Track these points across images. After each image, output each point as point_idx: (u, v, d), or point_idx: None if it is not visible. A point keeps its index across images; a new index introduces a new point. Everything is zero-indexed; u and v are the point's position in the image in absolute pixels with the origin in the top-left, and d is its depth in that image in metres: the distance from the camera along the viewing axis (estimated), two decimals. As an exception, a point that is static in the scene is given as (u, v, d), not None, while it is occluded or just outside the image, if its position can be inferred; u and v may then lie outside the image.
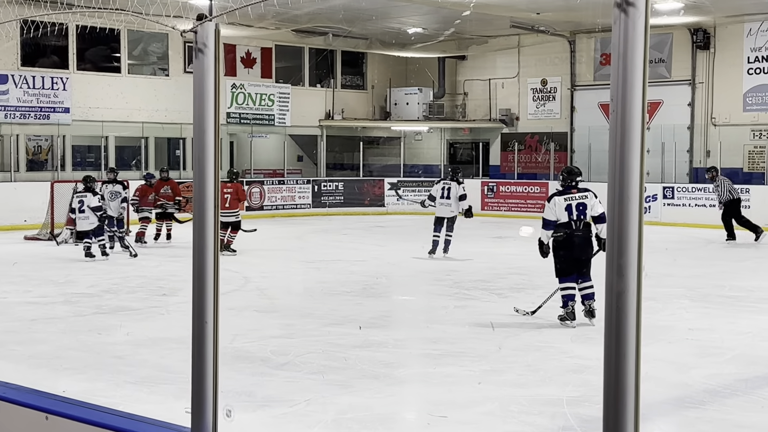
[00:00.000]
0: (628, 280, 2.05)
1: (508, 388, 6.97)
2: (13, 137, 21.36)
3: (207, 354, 3.03)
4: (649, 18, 2.03)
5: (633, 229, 2.06)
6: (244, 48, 25.32)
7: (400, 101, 27.97)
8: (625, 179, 2.05)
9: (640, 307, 2.06)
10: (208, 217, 3.03)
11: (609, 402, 2.08)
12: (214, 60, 2.97)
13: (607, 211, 2.07)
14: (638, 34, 2.03)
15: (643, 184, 2.05)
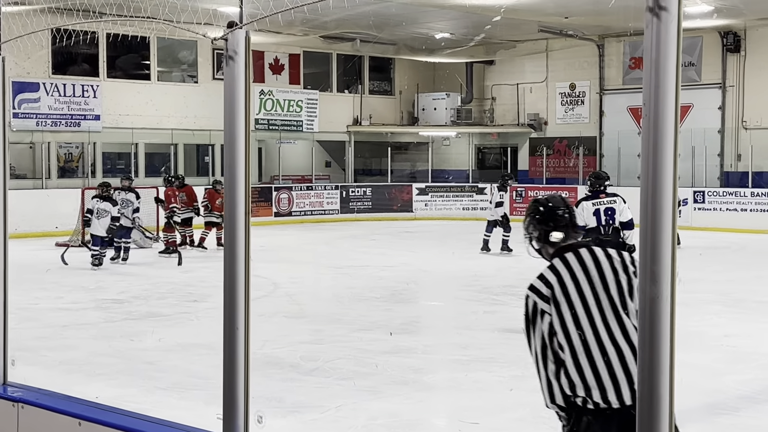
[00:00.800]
0: (662, 286, 2.03)
1: (539, 394, 6.91)
2: (45, 145, 21.56)
3: (238, 360, 3.04)
4: (681, 22, 2.02)
5: (666, 234, 2.04)
6: (272, 54, 25.42)
7: (427, 106, 27.96)
8: (658, 184, 2.03)
9: (674, 314, 2.05)
10: (239, 223, 3.04)
11: (643, 408, 2.06)
12: (244, 67, 2.98)
13: (640, 216, 2.06)
14: (671, 38, 2.02)
15: (676, 189, 2.04)
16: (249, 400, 3.04)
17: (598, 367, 3.33)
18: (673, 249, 2.03)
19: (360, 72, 27.94)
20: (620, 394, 3.31)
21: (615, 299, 3.38)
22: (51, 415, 3.71)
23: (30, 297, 11.28)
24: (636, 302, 3.31)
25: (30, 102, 20.90)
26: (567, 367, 3.40)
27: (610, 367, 3.32)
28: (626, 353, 3.32)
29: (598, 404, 3.34)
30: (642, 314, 2.07)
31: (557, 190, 24.76)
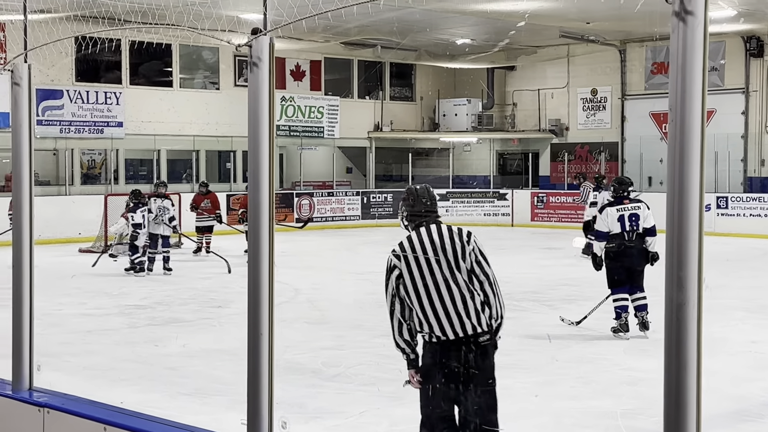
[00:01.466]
0: (689, 293, 2.02)
1: (561, 400, 6.91)
2: (68, 151, 21.72)
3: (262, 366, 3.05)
4: (708, 26, 2.01)
5: (693, 240, 2.03)
6: (293, 61, 25.49)
7: (448, 112, 27.94)
8: (685, 190, 2.02)
9: (700, 320, 2.04)
10: (263, 229, 3.04)
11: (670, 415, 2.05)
12: (268, 73, 2.99)
13: (667, 222, 2.04)
14: (697, 42, 2.01)
15: (703, 194, 2.02)
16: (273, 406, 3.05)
17: (436, 309, 4.46)
18: (700, 254, 2.02)
19: (381, 78, 27.96)
20: (454, 328, 4.46)
21: (450, 260, 4.51)
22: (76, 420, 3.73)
23: (54, 303, 11.34)
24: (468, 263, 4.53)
25: (54, 109, 21.07)
26: (414, 310, 4.52)
27: (446, 308, 4.45)
28: (457, 298, 4.46)
29: (439, 337, 4.48)
30: (669, 321, 2.06)
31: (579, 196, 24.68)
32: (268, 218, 3.06)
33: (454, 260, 4.55)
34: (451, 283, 4.50)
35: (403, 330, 4.59)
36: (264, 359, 3.05)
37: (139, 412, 3.97)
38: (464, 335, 4.52)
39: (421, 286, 4.51)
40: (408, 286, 4.53)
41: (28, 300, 4.35)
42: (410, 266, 4.56)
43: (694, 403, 2.03)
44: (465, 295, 4.49)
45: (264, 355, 3.05)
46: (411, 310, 4.53)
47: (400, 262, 4.60)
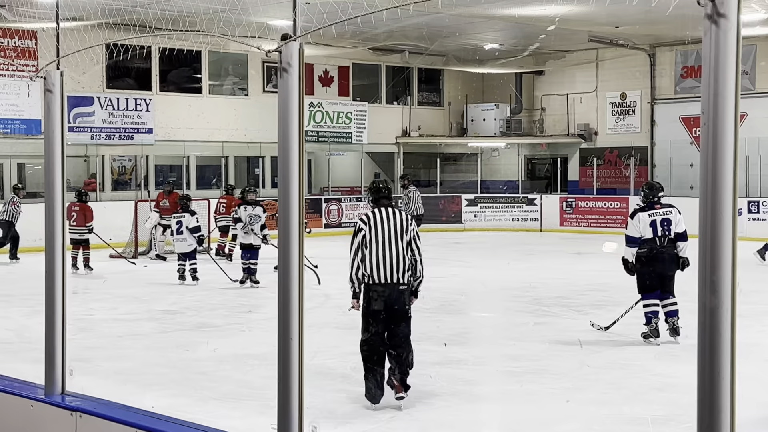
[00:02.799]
0: (722, 297, 2.00)
1: (591, 406, 6.87)
2: (99, 158, 21.90)
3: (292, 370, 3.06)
4: (740, 29, 1.99)
5: (726, 244, 2.01)
6: (321, 67, 25.56)
7: (476, 117, 27.89)
8: (718, 194, 2.00)
9: (734, 325, 2.02)
10: (293, 234, 3.05)
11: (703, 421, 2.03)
12: (298, 79, 3.00)
13: (699, 226, 2.03)
14: (730, 46, 1.99)
15: (736, 198, 2.01)
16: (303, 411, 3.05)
17: (380, 262, 6.74)
18: (733, 259, 2.00)
19: (409, 83, 27.97)
20: (390, 276, 6.76)
21: (397, 231, 6.82)
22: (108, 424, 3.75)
23: (85, 308, 11.44)
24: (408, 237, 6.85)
25: (85, 116, 21.26)
26: (366, 261, 6.76)
27: (386, 262, 6.74)
28: (395, 258, 6.77)
29: (378, 281, 6.75)
30: (702, 325, 2.04)
31: (610, 200, 24.53)
32: (298, 224, 3.07)
33: (400, 233, 6.85)
34: (394, 248, 6.79)
35: (358, 272, 6.80)
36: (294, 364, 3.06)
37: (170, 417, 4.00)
38: (392, 282, 6.79)
39: (374, 245, 6.77)
40: (368, 243, 6.78)
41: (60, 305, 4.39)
42: (371, 231, 6.80)
43: (728, 409, 2.02)
44: (401, 257, 6.80)
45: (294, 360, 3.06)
46: (364, 260, 6.76)
47: (366, 227, 6.83)
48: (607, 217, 24.32)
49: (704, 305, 2.03)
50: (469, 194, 26.20)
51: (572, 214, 25.12)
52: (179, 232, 14.14)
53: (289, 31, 3.13)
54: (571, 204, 25.20)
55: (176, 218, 14.31)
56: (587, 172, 26.60)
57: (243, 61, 24.26)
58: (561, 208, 25.30)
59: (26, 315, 11.10)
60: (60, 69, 4.41)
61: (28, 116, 20.44)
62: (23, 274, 14.35)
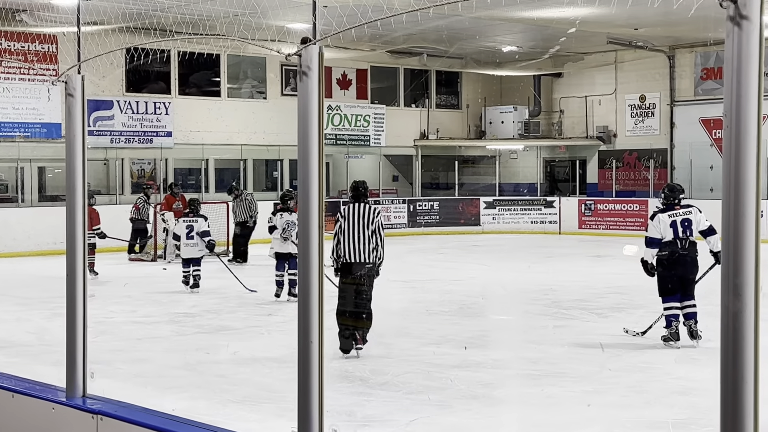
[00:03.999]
0: (745, 300, 1.99)
1: (611, 409, 6.84)
2: (118, 161, 22.02)
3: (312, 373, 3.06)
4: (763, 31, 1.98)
5: (749, 247, 2.00)
6: (340, 70, 25.60)
7: (495, 120, 27.86)
8: (741, 196, 1.99)
9: (758, 329, 2.00)
10: (313, 237, 3.06)
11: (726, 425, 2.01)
12: (318, 82, 3.01)
13: (722, 229, 2.02)
14: (753, 48, 1.98)
15: (759, 201, 1.99)
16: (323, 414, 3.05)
17: (350, 245, 8.74)
18: (756, 262, 1.99)
19: (427, 86, 27.97)
20: (357, 256, 8.73)
21: (364, 222, 8.77)
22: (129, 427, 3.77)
23: (105, 311, 11.49)
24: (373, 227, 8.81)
25: (104, 119, 21.38)
26: (341, 244, 8.77)
27: (353, 245, 8.71)
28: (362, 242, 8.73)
29: (347, 260, 8.75)
30: (725, 329, 2.03)
31: (629, 203, 24.44)
32: (318, 226, 3.07)
33: (366, 223, 8.82)
34: (362, 234, 8.79)
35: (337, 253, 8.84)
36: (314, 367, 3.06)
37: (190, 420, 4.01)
38: (359, 261, 8.80)
39: (347, 232, 8.80)
40: (342, 230, 8.81)
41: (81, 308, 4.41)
42: (346, 221, 8.84)
43: (751, 414, 2.00)
44: (366, 242, 8.79)
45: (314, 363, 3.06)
46: (339, 244, 8.81)
47: (342, 218, 8.85)
48: (627, 219, 24.23)
49: (727, 308, 2.02)
50: (488, 197, 26.16)
51: (591, 217, 25.03)
52: (189, 237, 13.79)
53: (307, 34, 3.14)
54: (590, 206, 25.12)
55: (187, 222, 13.96)
56: (606, 175, 26.51)
57: (261, 65, 24.33)
58: (580, 210, 25.22)
59: (47, 318, 11.17)
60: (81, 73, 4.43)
61: (48, 120, 20.57)
62: (43, 276, 14.43)
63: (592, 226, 24.84)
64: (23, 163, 20.74)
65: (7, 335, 10.22)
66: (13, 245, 19.09)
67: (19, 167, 20.70)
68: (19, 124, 20.32)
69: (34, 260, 18.08)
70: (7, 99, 20.09)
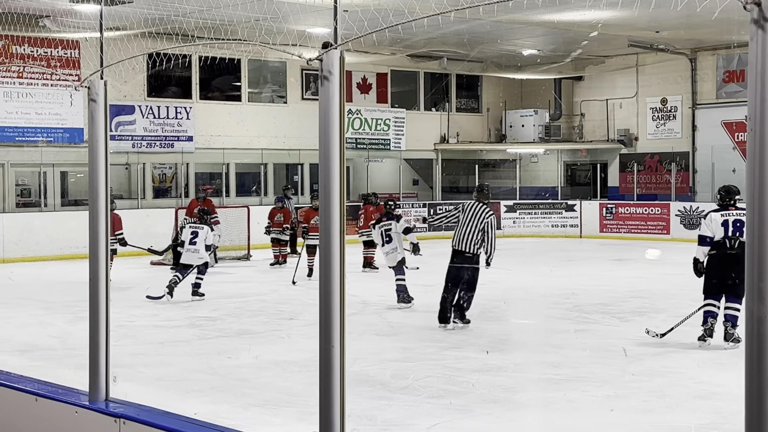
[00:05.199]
0: (770, 305, 1.97)
1: (633, 414, 6.80)
2: (140, 166, 22.13)
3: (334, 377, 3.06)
4: (788, 33, 1.96)
5: (774, 251, 1.98)
6: (360, 74, 25.64)
7: (515, 123, 27.80)
8: (765, 199, 1.97)
9: (783, 333, 1.98)
10: (334, 241, 3.06)
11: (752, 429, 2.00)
12: (339, 86, 3.01)
13: (746, 232, 2.00)
14: (777, 50, 1.97)
15: (784, 204, 1.98)
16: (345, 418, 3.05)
17: (459, 235, 10.58)
18: (781, 266, 1.97)
19: (447, 90, 27.96)
20: (461, 245, 10.54)
21: (476, 218, 10.45)
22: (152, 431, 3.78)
23: (127, 314, 11.55)
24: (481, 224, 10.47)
25: (126, 124, 21.50)
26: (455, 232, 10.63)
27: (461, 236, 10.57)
28: (470, 234, 10.43)
29: (454, 247, 10.63)
30: (749, 334, 2.01)
31: (651, 206, 24.32)
32: (340, 230, 3.08)
33: (477, 221, 10.42)
34: (471, 229, 10.43)
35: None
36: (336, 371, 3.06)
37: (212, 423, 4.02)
38: (461, 250, 10.53)
39: (460, 224, 10.53)
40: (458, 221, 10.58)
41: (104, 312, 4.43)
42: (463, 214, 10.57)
43: (776, 419, 1.98)
44: (472, 235, 10.44)
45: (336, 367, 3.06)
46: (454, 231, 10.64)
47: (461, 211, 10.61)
48: (648, 223, 24.11)
49: (752, 313, 2.00)
50: (508, 200, 26.11)
51: (612, 221, 24.93)
52: (192, 243, 13.31)
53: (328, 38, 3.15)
54: (611, 210, 25.01)
55: (192, 228, 13.52)
56: (627, 178, 26.40)
57: (282, 69, 24.40)
58: (601, 214, 25.12)
59: (69, 322, 11.24)
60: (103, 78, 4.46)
61: (70, 125, 20.71)
62: (66, 280, 14.52)
63: (613, 229, 24.73)
64: (46, 168, 20.88)
65: (30, 339, 10.29)
66: (36, 249, 19.22)
67: (41, 172, 20.85)
68: (41, 129, 20.46)
69: (56, 264, 18.20)
70: (30, 104, 20.24)
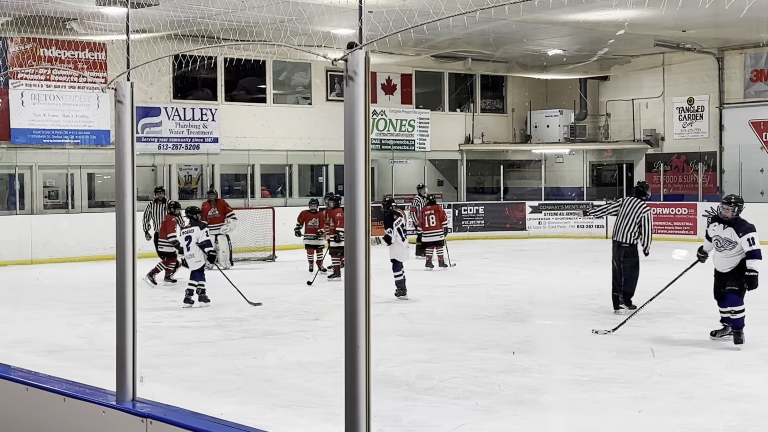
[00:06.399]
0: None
1: (660, 415, 6.76)
2: (166, 167, 22.25)
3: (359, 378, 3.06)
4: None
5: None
6: (384, 75, 25.64)
7: (540, 124, 27.70)
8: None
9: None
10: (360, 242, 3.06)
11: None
12: (364, 87, 3.01)
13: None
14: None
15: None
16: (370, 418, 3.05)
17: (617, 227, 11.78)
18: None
19: (472, 90, 27.90)
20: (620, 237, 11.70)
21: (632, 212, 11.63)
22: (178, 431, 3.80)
23: (153, 315, 11.62)
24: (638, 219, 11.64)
25: (152, 126, 21.63)
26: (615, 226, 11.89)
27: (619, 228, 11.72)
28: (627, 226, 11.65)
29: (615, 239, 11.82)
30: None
31: (678, 207, 24.15)
32: (365, 231, 3.07)
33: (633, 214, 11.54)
34: (627, 222, 11.55)
35: None
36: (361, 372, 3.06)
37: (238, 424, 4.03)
38: (620, 241, 11.65)
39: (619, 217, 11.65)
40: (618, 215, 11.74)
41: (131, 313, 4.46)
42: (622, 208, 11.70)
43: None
44: (628, 228, 11.55)
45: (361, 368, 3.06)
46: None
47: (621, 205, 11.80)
48: (675, 223, 23.94)
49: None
50: (533, 201, 26.01)
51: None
52: (188, 248, 12.74)
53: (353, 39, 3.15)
54: (637, 210, 24.84)
55: (185, 233, 12.92)
56: (654, 178, 26.22)
57: (307, 70, 24.45)
58: (627, 214, 24.95)
59: (97, 322, 11.31)
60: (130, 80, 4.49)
61: (97, 127, 20.86)
62: (93, 282, 14.62)
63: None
64: (73, 170, 21.04)
65: (58, 339, 10.37)
66: (63, 251, 19.37)
67: (69, 174, 21.01)
68: (69, 132, 20.62)
69: (84, 266, 18.34)
70: (57, 106, 20.40)
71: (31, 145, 20.26)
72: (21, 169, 20.50)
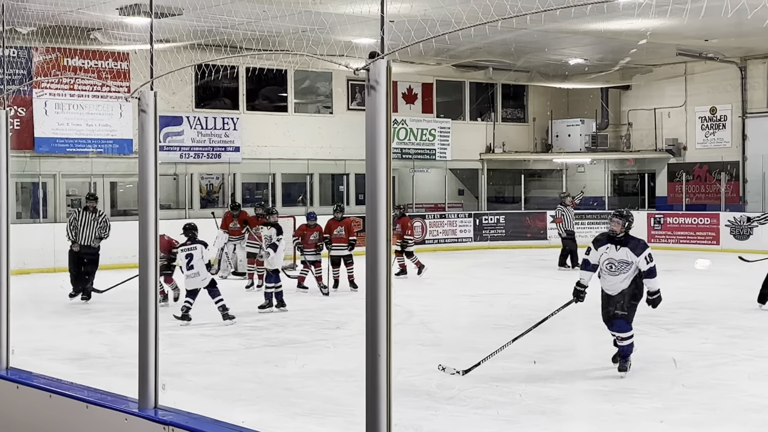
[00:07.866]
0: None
1: (682, 426, 6.72)
2: (188, 176, 22.35)
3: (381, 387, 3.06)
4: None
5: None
6: (405, 84, 25.67)
7: (561, 133, 27.63)
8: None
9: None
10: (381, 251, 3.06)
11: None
12: (386, 96, 3.02)
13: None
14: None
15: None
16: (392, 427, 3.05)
17: None
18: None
19: (493, 100, 27.89)
20: None
21: None
22: (200, 439, 3.81)
23: (174, 323, 11.66)
24: None
25: (174, 135, 21.75)
26: None
27: None
28: None
29: None
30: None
31: (700, 216, 24.01)
32: (386, 240, 3.08)
33: None
34: None
35: None
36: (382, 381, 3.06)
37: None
38: None
39: None
40: None
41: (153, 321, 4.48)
42: None
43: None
44: None
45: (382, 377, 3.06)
46: None
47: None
48: (697, 233, 23.80)
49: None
50: (554, 210, 25.89)
51: (661, 231, 24.65)
52: (189, 267, 12.17)
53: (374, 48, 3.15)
54: (659, 220, 24.74)
55: (185, 251, 12.41)
56: (676, 188, 26.09)
57: (328, 80, 24.52)
58: (649, 224, 24.84)
59: (119, 330, 11.37)
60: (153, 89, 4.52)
61: (120, 136, 20.99)
62: (115, 290, 14.68)
63: (661, 240, 24.44)
64: (96, 179, 21.17)
65: (80, 347, 10.43)
66: (86, 259, 19.44)
67: (91, 182, 21.13)
68: (92, 140, 20.76)
69: (106, 273, 18.41)
70: (80, 116, 20.55)
71: (55, 154, 20.41)
72: (44, 178, 20.65)
